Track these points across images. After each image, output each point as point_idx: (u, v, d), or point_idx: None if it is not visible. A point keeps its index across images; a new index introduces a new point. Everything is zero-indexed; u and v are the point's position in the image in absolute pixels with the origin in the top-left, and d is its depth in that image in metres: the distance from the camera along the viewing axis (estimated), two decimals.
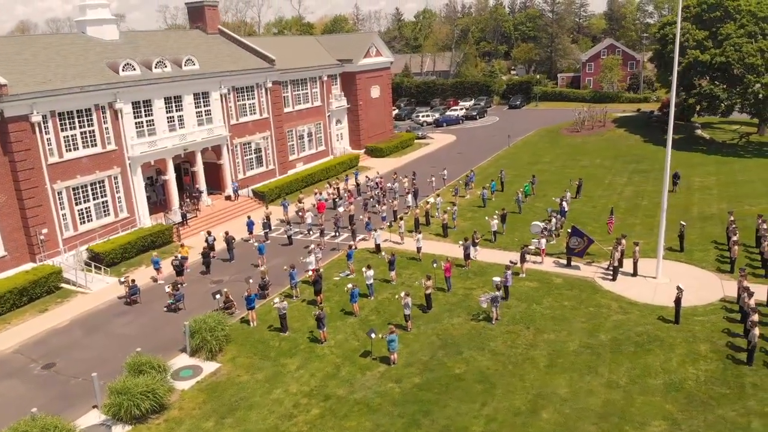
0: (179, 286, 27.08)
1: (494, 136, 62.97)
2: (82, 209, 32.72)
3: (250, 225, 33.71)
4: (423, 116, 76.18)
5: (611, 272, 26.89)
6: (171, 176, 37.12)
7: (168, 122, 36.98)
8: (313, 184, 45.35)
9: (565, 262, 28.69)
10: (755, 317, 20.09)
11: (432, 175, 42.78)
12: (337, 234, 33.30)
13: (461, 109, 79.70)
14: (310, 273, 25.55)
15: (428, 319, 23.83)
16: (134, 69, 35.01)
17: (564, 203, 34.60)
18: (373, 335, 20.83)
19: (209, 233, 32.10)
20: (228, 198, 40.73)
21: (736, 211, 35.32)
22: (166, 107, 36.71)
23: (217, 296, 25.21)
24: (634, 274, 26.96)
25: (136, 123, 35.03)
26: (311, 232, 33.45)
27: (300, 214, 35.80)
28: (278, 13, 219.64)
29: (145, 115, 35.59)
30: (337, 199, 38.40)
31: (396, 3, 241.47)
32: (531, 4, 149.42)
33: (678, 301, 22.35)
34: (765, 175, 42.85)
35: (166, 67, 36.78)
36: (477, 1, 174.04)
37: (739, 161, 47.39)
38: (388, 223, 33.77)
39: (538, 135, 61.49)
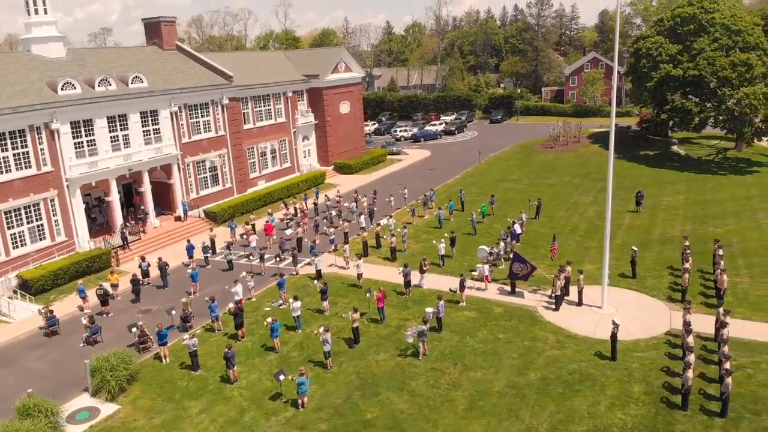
0: (99, 316, 25.70)
1: (469, 152, 61.73)
2: (15, 233, 31.39)
3: (189, 249, 32.30)
4: (401, 131, 75.05)
5: (554, 301, 25.46)
6: (114, 197, 35.80)
7: (112, 142, 35.74)
8: (273, 202, 44.03)
9: (510, 288, 27.28)
10: (690, 357, 18.61)
11: (391, 195, 41.44)
12: (279, 259, 31.84)
13: (441, 123, 78.70)
14: (232, 305, 24.10)
15: (353, 355, 22.35)
16: (74, 88, 33.84)
17: (517, 226, 33.18)
18: (281, 377, 19.37)
19: (143, 258, 30.73)
20: (178, 219, 39.38)
21: (699, 233, 34.06)
22: (109, 126, 35.49)
23: (133, 329, 23.81)
24: (579, 303, 25.50)
25: (75, 143, 33.78)
26: (251, 258, 31.98)
27: (245, 236, 34.38)
28: (264, 27, 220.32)
29: (86, 135, 34.36)
30: (287, 221, 36.99)
31: (393, 16, 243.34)
32: (521, 17, 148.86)
33: (614, 336, 20.90)
34: (737, 194, 41.51)
35: (110, 85, 35.62)
36: (467, 15, 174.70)
37: (712, 179, 46.02)
38: (333, 247, 32.31)
39: (512, 151, 60.24)
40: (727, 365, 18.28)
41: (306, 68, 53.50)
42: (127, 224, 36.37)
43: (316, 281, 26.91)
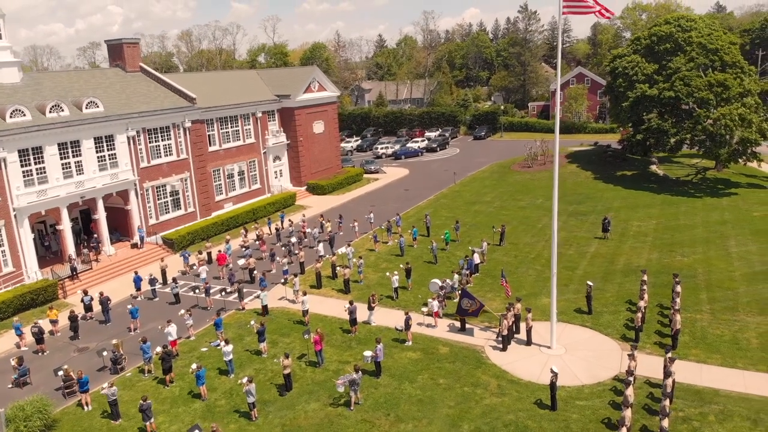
0: (36, 354, 24.67)
1: (447, 170, 60.90)
2: None
3: (137, 281, 31.35)
4: (382, 148, 74.23)
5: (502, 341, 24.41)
6: (66, 226, 34.85)
7: (63, 169, 34.88)
8: (237, 226, 43.07)
9: (460, 325, 26.24)
10: (626, 413, 17.55)
11: (355, 220, 40.50)
12: (225, 292, 30.74)
13: (423, 140, 77.95)
14: (159, 349, 23.05)
15: (282, 404, 21.25)
16: (24, 114, 33.03)
17: (476, 255, 32.18)
18: None
19: (86, 293, 29.76)
20: (135, 246, 38.44)
21: (665, 262, 33.06)
22: (60, 153, 34.65)
23: (59, 373, 22.80)
24: (528, 342, 24.46)
25: (24, 171, 32.93)
26: (196, 291, 30.89)
27: (195, 266, 33.32)
28: (253, 41, 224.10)
29: (35, 163, 33.51)
30: (244, 249, 35.97)
31: (393, 27, 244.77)
32: (513, 30, 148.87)
33: (552, 385, 19.85)
34: (710, 219, 40.47)
35: (63, 110, 34.82)
36: (460, 27, 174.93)
37: (687, 202, 44.94)
38: (283, 279, 31.16)
39: (489, 170, 59.33)
40: (665, 423, 17.24)
41: (278, 88, 52.83)
42: (80, 253, 35.45)
43: (252, 322, 25.78)
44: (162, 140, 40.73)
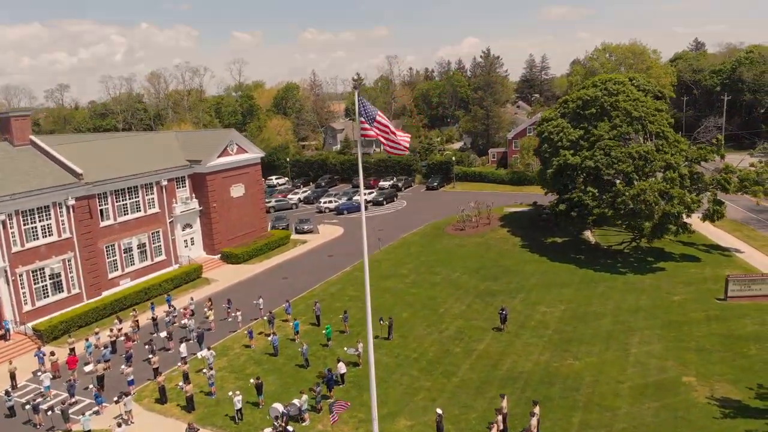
0: None
1: (383, 230, 58.36)
2: None
3: None
4: (325, 203, 71.89)
5: None
6: None
7: None
8: (125, 309, 40.28)
9: None
10: None
11: (238, 309, 37.65)
12: (52, 411, 27.65)
13: (371, 192, 75.76)
14: None
15: None
16: None
17: (341, 365, 29.27)
18: None
19: None
20: (2, 338, 35.76)
21: (554, 367, 30.23)
22: None
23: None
24: None
25: None
26: (25, 407, 27.85)
27: (40, 372, 30.44)
28: (221, 83, 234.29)
29: None
30: (105, 347, 33.11)
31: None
32: (480, 73, 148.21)
33: None
34: (623, 304, 37.51)
35: None
36: (439, 66, 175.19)
37: (607, 280, 41.90)
38: (116, 398, 27.84)
39: (422, 233, 56.62)
40: None
41: (193, 152, 50.73)
42: None
43: None
44: (40, 221, 38.36)
